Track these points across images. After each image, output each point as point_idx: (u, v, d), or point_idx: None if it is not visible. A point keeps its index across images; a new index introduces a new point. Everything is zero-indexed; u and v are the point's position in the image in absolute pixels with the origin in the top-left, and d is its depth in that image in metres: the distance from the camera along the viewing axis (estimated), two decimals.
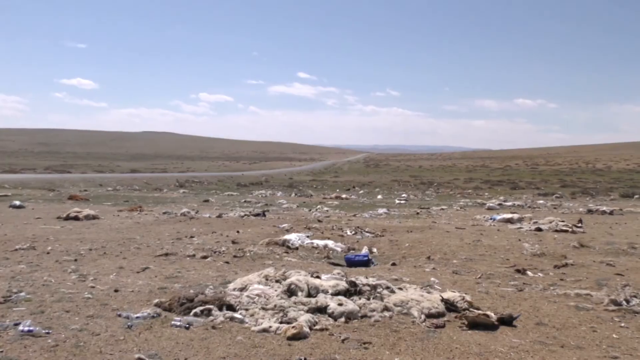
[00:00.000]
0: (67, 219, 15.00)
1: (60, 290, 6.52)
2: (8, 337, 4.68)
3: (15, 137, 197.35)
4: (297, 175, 64.55)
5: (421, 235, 13.07)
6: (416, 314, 5.87)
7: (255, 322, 5.47)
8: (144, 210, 18.78)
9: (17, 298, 6.05)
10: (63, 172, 52.48)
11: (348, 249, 11.53)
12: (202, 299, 5.90)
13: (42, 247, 10.01)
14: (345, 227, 14.66)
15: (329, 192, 37.13)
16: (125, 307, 5.90)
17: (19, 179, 38.17)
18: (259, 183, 46.63)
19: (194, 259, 9.39)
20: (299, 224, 15.34)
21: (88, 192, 29.24)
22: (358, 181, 53.80)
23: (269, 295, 6.19)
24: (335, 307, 5.82)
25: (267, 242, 11.13)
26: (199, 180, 47.06)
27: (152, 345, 4.71)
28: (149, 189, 35.73)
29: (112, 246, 10.43)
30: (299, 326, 5.15)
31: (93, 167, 69.10)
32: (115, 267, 8.28)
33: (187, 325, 5.25)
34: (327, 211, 20.95)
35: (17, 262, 8.42)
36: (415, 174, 69.91)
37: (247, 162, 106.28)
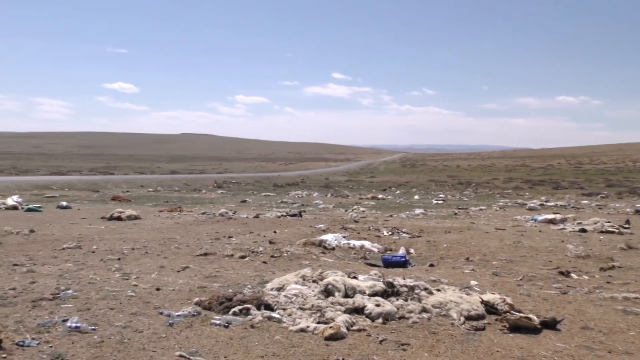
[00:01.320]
0: (110, 219, 15.48)
1: (105, 288, 6.74)
2: (57, 332, 4.86)
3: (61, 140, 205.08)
4: (333, 176, 64.60)
5: (459, 236, 12.86)
6: (455, 316, 5.78)
7: (292, 321, 5.50)
8: (183, 210, 19.18)
9: (64, 295, 6.29)
10: (106, 174, 54.19)
11: (385, 249, 11.46)
12: (240, 298, 5.98)
13: (87, 246, 10.36)
14: (382, 228, 14.57)
15: (365, 192, 37.01)
16: (166, 305, 6.04)
17: (66, 180, 39.64)
18: (295, 184, 46.90)
19: (232, 258, 9.53)
20: (335, 224, 15.34)
21: (130, 193, 30.09)
22: (394, 181, 53.41)
23: (307, 295, 6.22)
24: (372, 307, 5.80)
25: (304, 243, 11.18)
26: (237, 181, 47.73)
27: (192, 343, 4.80)
28: (188, 190, 36.49)
29: (153, 246, 10.69)
30: (337, 326, 5.15)
31: (134, 168, 71.07)
32: (157, 266, 8.48)
33: (226, 324, 5.32)
34: (363, 211, 20.87)
35: (64, 261, 8.75)
36: (452, 173, 68.85)
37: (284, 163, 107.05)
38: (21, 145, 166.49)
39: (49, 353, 4.33)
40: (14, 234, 11.95)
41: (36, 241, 11.02)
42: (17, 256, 9.07)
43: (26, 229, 12.57)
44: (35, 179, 38.27)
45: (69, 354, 4.34)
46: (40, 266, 8.20)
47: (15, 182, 33.99)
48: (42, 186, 32.23)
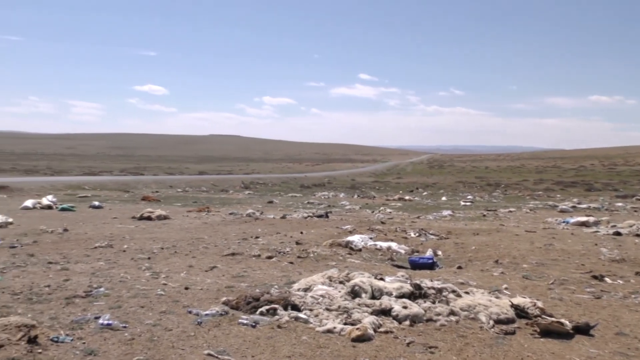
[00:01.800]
0: (140, 219, 15.78)
1: (136, 287, 6.87)
2: (89, 329, 4.98)
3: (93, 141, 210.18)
4: (359, 177, 64.45)
5: (488, 238, 12.66)
6: (484, 319, 5.69)
7: (319, 322, 5.51)
8: (211, 211, 19.42)
9: (97, 293, 6.44)
10: (136, 174, 55.27)
11: (412, 251, 11.37)
12: (267, 299, 6.02)
13: (118, 245, 10.59)
14: (409, 229, 14.46)
15: (391, 193, 36.80)
16: (195, 304, 6.12)
17: (98, 180, 40.59)
18: (321, 184, 46.96)
19: (259, 258, 9.59)
20: (361, 225, 15.30)
21: (159, 193, 30.62)
22: (421, 182, 52.95)
23: (333, 296, 6.21)
24: (399, 309, 5.76)
25: (331, 244, 11.18)
26: (264, 182, 48.07)
27: (220, 342, 4.86)
28: (216, 190, 36.92)
29: (182, 245, 10.85)
30: (364, 328, 5.13)
31: (164, 169, 72.28)
32: (185, 266, 8.61)
33: (253, 323, 5.37)
34: (390, 213, 20.76)
35: (96, 259, 8.96)
36: (481, 175, 67.85)
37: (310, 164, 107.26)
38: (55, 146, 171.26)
39: (82, 349, 4.44)
40: (49, 233, 12.30)
41: (70, 240, 11.32)
42: (51, 254, 9.34)
43: (60, 228, 12.92)
44: (68, 179, 39.30)
45: (101, 351, 4.44)
46: (74, 264, 8.41)
47: (50, 182, 34.97)
48: (75, 186, 33.09)
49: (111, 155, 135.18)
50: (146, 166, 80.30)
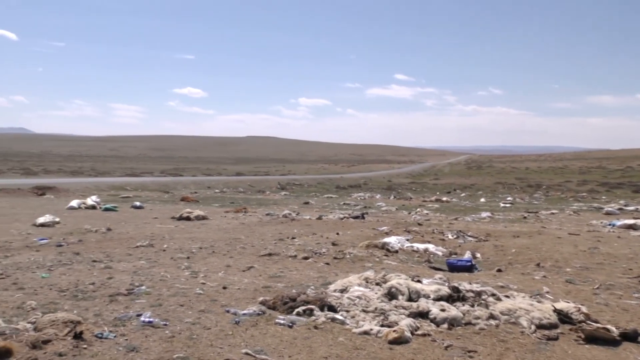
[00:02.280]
0: (180, 219, 16.12)
1: (175, 286, 7.02)
2: (131, 326, 5.12)
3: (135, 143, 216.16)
4: (395, 178, 63.95)
5: (529, 240, 12.33)
6: (525, 324, 5.54)
7: (356, 324, 5.49)
8: (248, 211, 19.65)
9: (138, 291, 6.61)
10: (176, 176, 56.50)
11: (449, 253, 11.20)
12: (304, 299, 6.04)
13: (159, 245, 10.85)
14: (447, 231, 14.25)
15: (428, 194, 36.35)
16: (232, 303, 6.21)
17: (139, 181, 41.72)
18: (357, 185, 46.84)
19: (295, 259, 9.65)
20: (398, 226, 15.17)
21: (198, 194, 31.20)
22: (459, 184, 52.10)
23: (370, 298, 6.18)
24: (437, 312, 5.68)
25: (367, 245, 11.13)
26: (300, 183, 48.31)
27: (257, 341, 4.90)
28: (253, 191, 37.35)
29: (220, 245, 11.02)
30: (401, 330, 5.08)
31: (202, 170, 73.63)
32: (223, 266, 8.74)
33: (290, 323, 5.39)
34: (427, 214, 20.51)
35: (138, 258, 9.20)
36: (521, 176, 66.21)
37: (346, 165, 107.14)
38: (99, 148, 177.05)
39: (125, 345, 4.57)
40: (93, 232, 12.72)
41: (113, 239, 11.67)
42: (95, 253, 9.65)
43: (104, 228, 13.34)
44: (111, 180, 40.55)
45: (142, 347, 4.55)
46: (117, 263, 8.67)
47: (94, 183, 36.17)
48: (118, 187, 34.11)
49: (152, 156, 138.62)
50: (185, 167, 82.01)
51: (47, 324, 4.77)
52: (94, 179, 44.39)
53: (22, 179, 39.97)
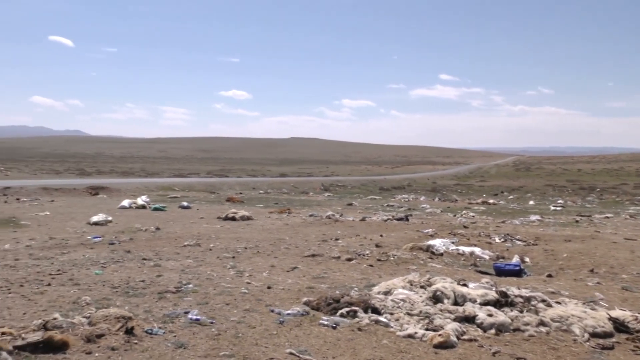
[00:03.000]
0: (225, 219, 16.44)
1: (221, 284, 7.15)
2: (179, 323, 5.25)
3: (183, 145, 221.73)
4: (440, 179, 62.94)
5: (582, 245, 11.86)
6: (578, 332, 5.33)
7: (400, 326, 5.43)
8: (292, 212, 19.81)
9: (186, 289, 6.78)
10: (222, 176, 57.65)
11: (497, 257, 10.92)
12: (347, 300, 6.03)
13: (205, 244, 11.09)
14: (494, 234, 13.91)
15: (474, 196, 35.60)
16: (277, 303, 6.27)
17: (186, 182, 42.81)
18: (401, 187, 46.41)
19: (339, 260, 9.65)
20: (443, 229, 14.93)
21: (243, 195, 31.72)
22: (507, 186, 50.75)
23: (414, 301, 6.11)
24: (484, 317, 5.54)
25: (411, 247, 11.01)
26: (343, 184, 48.31)
27: (301, 341, 4.93)
28: (296, 192, 37.63)
29: (264, 245, 11.16)
30: (446, 334, 4.99)
31: (247, 171, 74.78)
32: (268, 266, 8.84)
33: (334, 325, 5.40)
34: (473, 217, 20.08)
35: (185, 257, 9.44)
36: (573, 178, 63.78)
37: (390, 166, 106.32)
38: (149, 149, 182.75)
39: (173, 342, 4.69)
40: (143, 231, 13.14)
41: (161, 238, 12.02)
42: (145, 251, 9.97)
43: (153, 227, 13.77)
44: (160, 181, 41.81)
45: (190, 344, 4.67)
46: (165, 261, 8.92)
47: (143, 183, 37.38)
48: (166, 187, 35.11)
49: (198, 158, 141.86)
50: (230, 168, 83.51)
51: (100, 318, 4.97)
52: (143, 179, 45.88)
53: (78, 179, 41.79)
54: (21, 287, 6.59)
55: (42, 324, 4.68)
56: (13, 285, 6.70)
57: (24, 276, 7.27)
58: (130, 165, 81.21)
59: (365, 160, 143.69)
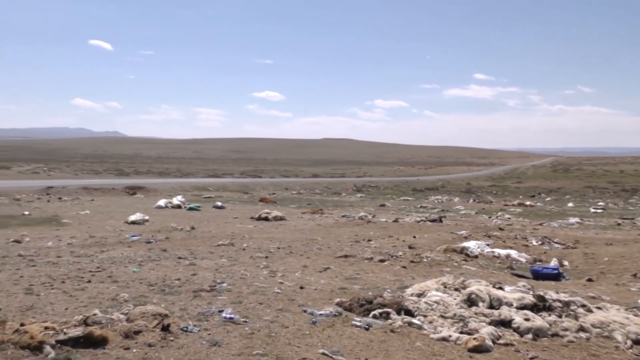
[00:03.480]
0: (258, 219, 16.59)
1: (254, 284, 7.22)
2: (214, 322, 5.33)
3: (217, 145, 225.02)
4: (475, 181, 61.89)
5: (624, 249, 11.46)
6: (620, 339, 5.15)
7: (434, 329, 5.37)
8: (324, 213, 19.84)
9: (220, 288, 6.88)
10: (255, 177, 58.24)
11: (534, 260, 10.66)
12: (380, 302, 5.99)
13: (239, 244, 11.22)
14: (530, 237, 13.58)
15: (510, 198, 34.87)
16: (309, 303, 6.29)
17: (220, 182, 43.41)
18: (434, 188, 45.87)
19: (371, 261, 9.60)
20: (477, 231, 14.67)
21: (276, 195, 31.96)
22: (544, 187, 49.49)
23: (448, 304, 6.02)
24: (521, 321, 5.42)
25: (445, 249, 10.87)
26: (375, 185, 48.09)
27: (334, 342, 4.93)
28: (329, 193, 37.66)
29: (296, 246, 11.21)
30: (481, 338, 4.90)
31: (280, 172, 75.30)
32: (300, 266, 8.88)
33: (366, 326, 5.38)
34: (508, 219, 19.67)
35: (219, 256, 9.58)
36: (614, 179, 61.67)
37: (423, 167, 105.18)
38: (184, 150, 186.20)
39: (208, 340, 4.76)
40: (179, 230, 13.40)
41: (196, 237, 12.23)
42: (181, 250, 10.16)
43: (188, 226, 14.02)
44: (195, 181, 42.53)
45: (224, 342, 4.73)
46: (200, 260, 9.07)
47: (179, 183, 38.10)
48: (201, 187, 35.70)
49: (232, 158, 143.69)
50: (264, 169, 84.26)
51: (138, 315, 5.09)
52: (179, 179, 46.78)
53: (116, 179, 42.93)
54: (63, 284, 6.82)
55: (83, 320, 4.83)
56: (55, 281, 6.94)
57: (65, 273, 7.51)
58: (167, 166, 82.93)
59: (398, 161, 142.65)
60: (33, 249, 9.89)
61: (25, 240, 10.99)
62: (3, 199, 21.82)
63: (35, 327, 4.41)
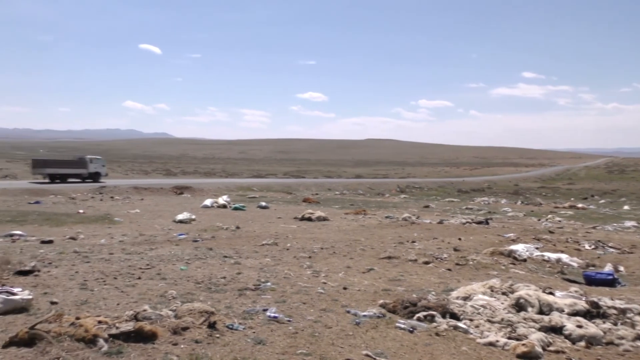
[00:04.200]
0: (302, 220, 16.70)
1: (298, 284, 7.27)
2: (258, 320, 5.40)
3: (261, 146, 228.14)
4: (523, 182, 60.13)
5: None
6: None
7: (480, 333, 5.25)
8: (367, 213, 19.75)
9: (264, 287, 6.96)
10: (298, 177, 58.66)
11: (586, 265, 10.25)
12: (425, 304, 5.91)
13: (282, 244, 11.33)
14: (583, 240, 13.06)
15: (561, 200, 33.68)
16: (353, 304, 6.27)
17: (265, 183, 43.98)
18: (481, 189, 44.85)
19: (415, 263, 9.49)
20: (526, 234, 14.24)
21: (319, 196, 32.07)
22: (598, 189, 47.50)
23: (495, 308, 5.88)
24: (573, 328, 5.22)
25: (492, 252, 10.60)
26: (419, 186, 47.49)
27: (378, 343, 4.90)
28: (372, 194, 37.47)
29: (340, 246, 11.21)
30: (531, 344, 4.75)
31: (323, 172, 75.52)
32: (343, 266, 8.87)
33: (411, 328, 5.31)
34: (559, 221, 18.99)
35: (263, 256, 9.70)
36: None
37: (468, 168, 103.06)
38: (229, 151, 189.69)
39: (252, 338, 4.83)
40: (224, 229, 13.66)
41: (241, 237, 12.43)
42: (226, 249, 10.36)
43: (233, 226, 14.27)
44: (240, 181, 43.24)
45: (268, 341, 4.79)
46: (245, 259, 9.21)
47: (224, 183, 38.84)
48: (246, 187, 36.26)
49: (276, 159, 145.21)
50: (307, 169, 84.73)
51: (185, 312, 5.22)
52: (224, 179, 47.69)
53: (164, 179, 44.22)
54: (115, 280, 7.08)
55: (134, 315, 5.00)
56: (108, 277, 7.22)
57: (117, 269, 7.80)
58: (212, 166, 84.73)
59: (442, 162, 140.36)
60: (87, 245, 10.31)
61: (80, 238, 11.48)
62: (60, 198, 22.89)
63: (89, 321, 4.60)
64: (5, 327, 4.82)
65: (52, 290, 6.34)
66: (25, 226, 13.17)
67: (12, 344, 4.24)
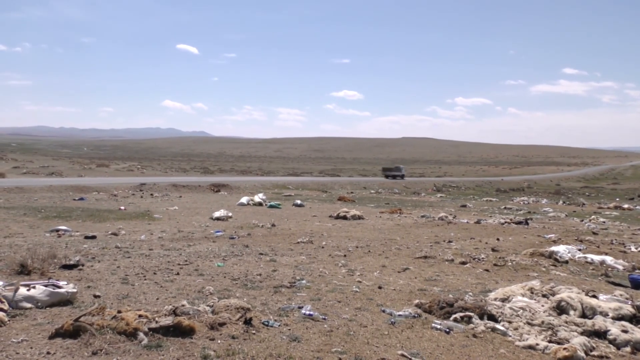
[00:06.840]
0: (337, 218, 16.71)
1: (333, 282, 7.28)
2: (294, 317, 5.44)
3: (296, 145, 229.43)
4: (565, 181, 58.38)
5: None
6: None
7: (519, 336, 5.13)
8: (403, 212, 19.59)
9: (299, 285, 7.00)
10: (333, 176, 58.72)
11: (633, 267, 9.86)
12: (462, 305, 5.82)
13: (317, 242, 11.36)
14: (629, 242, 12.59)
15: (605, 200, 32.53)
16: (387, 304, 6.23)
17: (300, 181, 44.18)
18: (520, 189, 43.80)
19: (452, 263, 9.35)
20: (568, 235, 13.83)
21: (354, 194, 32.01)
22: None
23: (535, 310, 5.73)
24: (617, 333, 5.04)
25: (531, 253, 10.34)
26: (456, 185, 46.76)
27: (413, 343, 4.85)
28: (408, 193, 37.13)
29: (375, 245, 11.16)
30: (572, 349, 4.62)
31: (358, 171, 75.36)
32: (379, 265, 8.83)
33: (447, 329, 5.24)
34: (603, 222, 18.36)
35: (299, 253, 9.75)
36: None
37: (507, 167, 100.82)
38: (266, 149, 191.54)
39: (288, 335, 4.87)
40: (260, 227, 13.80)
41: (276, 234, 12.53)
42: (262, 246, 10.46)
43: (269, 223, 14.40)
44: (275, 180, 43.59)
45: (303, 338, 4.81)
46: (280, 257, 9.29)
47: (260, 181, 39.23)
48: (281, 186, 36.53)
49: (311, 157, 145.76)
50: (342, 168, 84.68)
51: (222, 308, 5.30)
52: (260, 177, 48.19)
53: (202, 177, 45.03)
54: (154, 275, 7.26)
55: (172, 310, 5.11)
56: (148, 272, 7.41)
57: (156, 265, 7.99)
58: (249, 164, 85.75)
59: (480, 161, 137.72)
60: (128, 241, 10.61)
61: (122, 233, 11.82)
62: (102, 195, 23.62)
63: (130, 315, 4.73)
64: (52, 318, 5.01)
65: (95, 284, 6.55)
66: (70, 222, 13.65)
67: (58, 335, 4.41)
